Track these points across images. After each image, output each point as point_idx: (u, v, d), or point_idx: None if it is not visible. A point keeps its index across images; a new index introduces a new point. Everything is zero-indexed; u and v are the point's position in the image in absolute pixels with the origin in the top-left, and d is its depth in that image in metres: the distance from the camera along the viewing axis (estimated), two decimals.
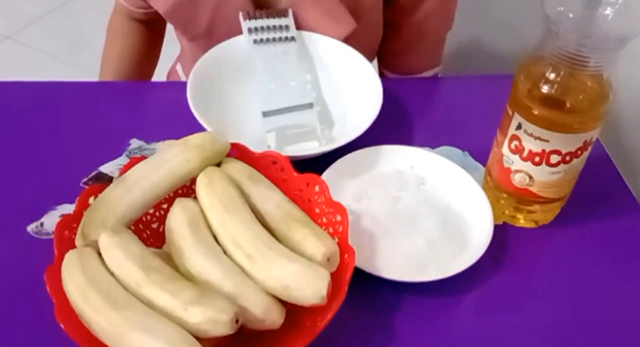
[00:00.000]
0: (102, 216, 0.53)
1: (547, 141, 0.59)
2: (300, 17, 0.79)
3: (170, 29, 0.97)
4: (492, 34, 1.22)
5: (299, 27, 0.79)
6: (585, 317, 0.60)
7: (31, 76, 0.80)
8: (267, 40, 0.76)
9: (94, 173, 0.69)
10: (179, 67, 1.00)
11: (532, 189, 0.63)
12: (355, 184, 0.67)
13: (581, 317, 0.60)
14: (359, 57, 0.78)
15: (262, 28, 0.77)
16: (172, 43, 0.99)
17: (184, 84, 0.71)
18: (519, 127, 0.60)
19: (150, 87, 0.82)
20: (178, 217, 0.54)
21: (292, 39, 0.77)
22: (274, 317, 0.50)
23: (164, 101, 0.78)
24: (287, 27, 0.78)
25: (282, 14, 0.78)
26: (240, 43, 0.77)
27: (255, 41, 0.76)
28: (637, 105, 0.90)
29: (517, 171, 0.63)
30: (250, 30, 0.77)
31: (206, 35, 0.81)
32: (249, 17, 0.77)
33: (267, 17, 0.77)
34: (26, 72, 0.83)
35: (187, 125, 0.70)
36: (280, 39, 0.77)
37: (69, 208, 0.65)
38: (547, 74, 0.57)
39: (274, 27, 0.77)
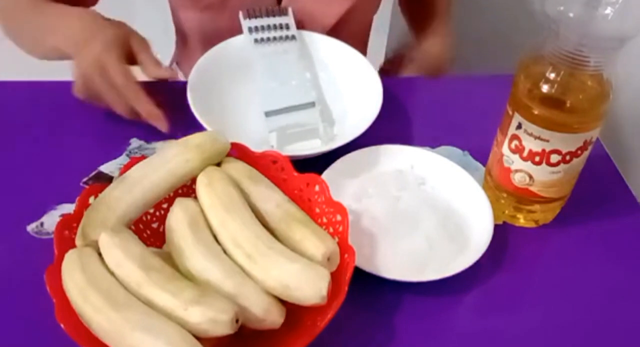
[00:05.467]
0: (102, 215, 0.53)
1: (547, 141, 0.59)
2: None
3: (167, 28, 0.96)
4: (492, 34, 1.22)
5: (297, 9, 0.79)
6: (585, 316, 0.60)
7: (31, 76, 0.80)
8: (268, 39, 0.77)
9: (94, 173, 0.69)
10: (174, 67, 1.00)
11: (532, 188, 0.63)
12: (355, 184, 0.67)
13: (581, 317, 0.60)
14: (358, 56, 0.78)
15: (262, 27, 0.77)
16: (170, 42, 0.99)
17: (184, 83, 0.71)
18: (519, 126, 0.60)
19: (150, 87, 0.82)
20: (178, 217, 0.54)
21: (293, 37, 0.77)
22: (274, 317, 0.50)
23: (164, 101, 0.78)
24: (287, 26, 0.78)
25: (282, 12, 0.78)
26: (241, 42, 0.77)
27: (256, 40, 0.76)
28: (637, 105, 0.90)
29: (517, 171, 0.63)
30: (250, 30, 0.77)
31: (220, 5, 0.81)
32: (249, 16, 0.77)
33: (267, 16, 0.78)
34: (26, 72, 0.83)
35: (187, 125, 0.70)
36: (280, 38, 0.77)
37: (69, 208, 0.65)
38: (547, 74, 0.57)
39: (274, 26, 0.77)
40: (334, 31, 0.83)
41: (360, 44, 0.97)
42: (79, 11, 0.74)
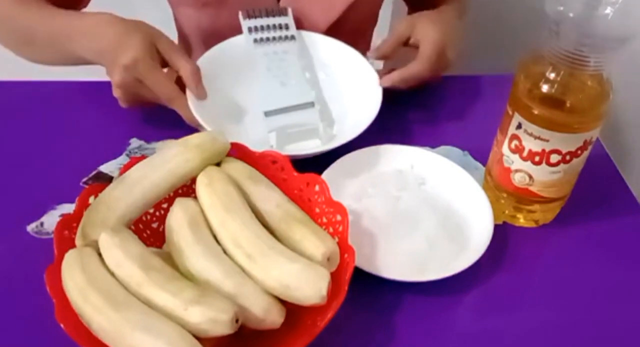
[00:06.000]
0: (102, 215, 0.53)
1: (547, 141, 0.59)
2: None
3: (167, 28, 0.96)
4: (492, 34, 1.22)
5: (297, 8, 0.79)
6: (585, 316, 0.60)
7: (31, 76, 0.80)
8: (268, 39, 0.77)
9: (94, 173, 0.69)
10: None
11: (532, 188, 0.63)
12: (355, 184, 0.67)
13: (581, 317, 0.60)
14: (358, 56, 0.78)
15: (262, 27, 0.77)
16: None
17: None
18: (519, 126, 0.60)
19: None
20: (178, 217, 0.54)
21: (292, 37, 0.78)
22: (274, 317, 0.50)
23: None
24: (286, 26, 0.78)
25: (282, 12, 0.78)
26: (240, 42, 0.77)
27: (255, 40, 0.76)
28: (637, 105, 0.90)
29: (517, 171, 0.63)
30: (250, 30, 0.77)
31: (219, 3, 0.81)
32: (249, 16, 0.77)
33: (267, 16, 0.78)
34: (26, 71, 0.83)
35: (187, 124, 0.70)
36: (280, 38, 0.77)
37: (69, 208, 0.65)
38: (547, 74, 0.57)
39: (274, 26, 0.77)
40: (335, 29, 0.83)
41: (364, 42, 0.97)
42: (106, 18, 0.71)
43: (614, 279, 0.63)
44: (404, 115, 0.79)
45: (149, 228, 0.60)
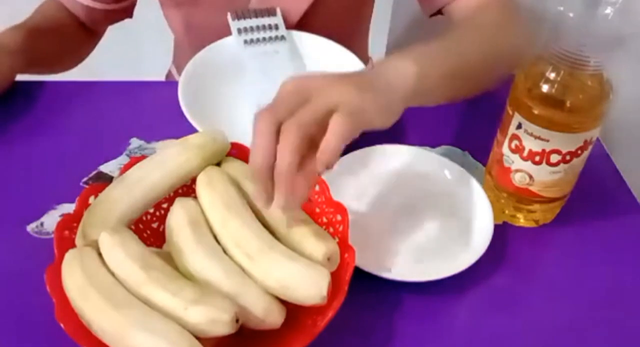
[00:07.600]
0: (102, 215, 0.53)
1: (547, 141, 0.59)
2: None
3: (165, 26, 0.96)
4: None
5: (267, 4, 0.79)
6: (585, 316, 0.60)
7: (31, 76, 0.80)
8: (258, 40, 0.77)
9: (94, 172, 0.69)
10: (172, 69, 1.00)
11: (532, 188, 0.63)
12: (356, 184, 0.67)
13: (581, 317, 0.60)
14: (349, 55, 0.78)
15: (251, 28, 0.77)
16: (169, 44, 0.99)
17: None
18: (519, 126, 0.60)
19: (150, 86, 0.82)
20: (178, 217, 0.54)
21: (282, 38, 0.77)
22: (274, 317, 0.50)
23: (164, 100, 0.78)
24: (276, 26, 0.78)
25: (271, 12, 0.78)
26: (231, 44, 0.77)
27: (245, 41, 0.76)
28: (637, 105, 0.90)
29: (517, 171, 0.63)
30: (239, 31, 0.76)
31: (191, 2, 0.81)
32: (238, 17, 0.77)
33: (256, 16, 0.77)
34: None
35: (187, 124, 0.70)
36: (270, 38, 0.77)
37: (69, 208, 0.65)
38: (547, 74, 0.57)
39: (264, 26, 0.77)
40: (311, 18, 0.82)
41: (358, 38, 0.96)
42: None
43: (614, 279, 0.63)
44: (404, 115, 0.79)
45: (149, 228, 0.60)
